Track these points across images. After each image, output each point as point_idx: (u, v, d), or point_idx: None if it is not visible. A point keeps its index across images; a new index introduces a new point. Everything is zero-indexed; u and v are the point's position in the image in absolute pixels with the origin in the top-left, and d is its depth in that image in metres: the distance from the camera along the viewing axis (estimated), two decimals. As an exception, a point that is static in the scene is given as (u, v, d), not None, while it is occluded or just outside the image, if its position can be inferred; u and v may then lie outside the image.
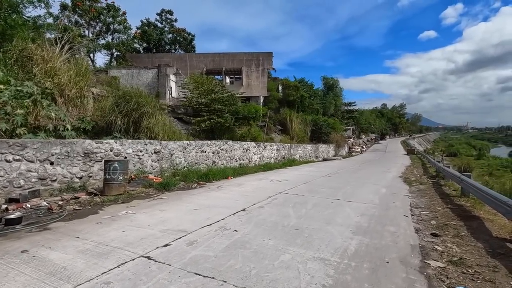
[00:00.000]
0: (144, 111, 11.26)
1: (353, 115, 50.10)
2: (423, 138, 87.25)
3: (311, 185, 9.42)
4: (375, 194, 8.12)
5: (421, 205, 6.99)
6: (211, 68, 26.53)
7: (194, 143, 12.08)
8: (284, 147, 19.74)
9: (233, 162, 14.53)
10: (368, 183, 10.35)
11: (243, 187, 8.70)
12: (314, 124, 30.03)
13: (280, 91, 29.86)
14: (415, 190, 9.18)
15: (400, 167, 17.58)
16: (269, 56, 26.82)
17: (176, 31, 31.26)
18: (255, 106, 20.41)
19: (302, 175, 12.02)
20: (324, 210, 6.07)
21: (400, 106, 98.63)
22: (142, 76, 18.66)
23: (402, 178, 12.04)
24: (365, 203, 6.91)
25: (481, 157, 47.48)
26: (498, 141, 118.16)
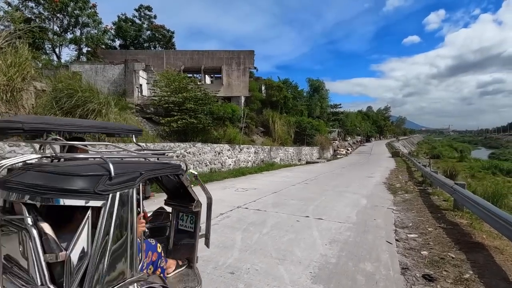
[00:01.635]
0: (91, 108, 9.56)
1: (338, 117, 49.15)
2: (407, 141, 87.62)
3: (280, 195, 7.92)
4: (353, 208, 6.67)
5: (408, 223, 5.57)
6: (189, 67, 24.81)
7: (152, 146, 10.43)
8: (263, 150, 18.25)
9: (202, 167, 12.91)
10: (347, 192, 8.92)
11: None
12: (298, 126, 28.67)
13: (263, 92, 28.42)
14: (400, 200, 7.80)
15: (385, 171, 16.33)
16: (251, 55, 25.32)
17: (155, 28, 29.36)
18: (232, 106, 18.84)
19: (275, 182, 10.52)
20: (284, 235, 4.55)
21: (385, 109, 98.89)
22: (107, 72, 16.82)
23: (386, 185, 10.70)
24: (339, 222, 5.44)
25: (463, 159, 47.30)
26: (478, 143, 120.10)
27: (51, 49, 20.96)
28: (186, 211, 2.71)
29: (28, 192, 1.48)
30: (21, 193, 1.49)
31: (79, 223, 1.55)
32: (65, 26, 21.41)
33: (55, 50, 20.91)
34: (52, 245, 1.49)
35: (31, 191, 1.48)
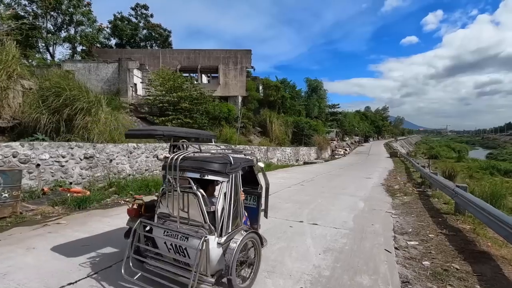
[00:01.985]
0: (80, 107, 9.20)
1: (337, 118, 48.86)
2: (405, 141, 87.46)
3: (275, 198, 7.57)
4: (350, 212, 6.34)
5: (408, 228, 5.25)
6: (185, 66, 24.44)
7: (143, 146, 10.07)
8: (260, 150, 17.90)
9: (196, 168, 12.56)
10: (344, 194, 8.59)
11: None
12: (295, 126, 28.35)
13: (260, 91, 28.09)
14: (399, 203, 7.47)
15: (383, 172, 16.02)
16: (248, 54, 24.97)
17: (151, 27, 28.98)
18: (228, 105, 18.49)
19: (270, 184, 10.17)
20: (275, 243, 4.21)
21: (383, 109, 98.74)
22: (100, 70, 16.44)
23: (384, 187, 10.38)
24: (335, 227, 5.10)
25: (461, 160, 47.09)
26: (475, 143, 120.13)
27: (44, 48, 20.57)
28: (250, 192, 3.65)
29: (193, 171, 2.67)
30: (189, 171, 2.68)
31: (212, 191, 2.93)
32: (59, 24, 21.01)
33: (48, 48, 20.51)
34: (208, 202, 2.66)
35: (195, 170, 2.66)
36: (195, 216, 2.67)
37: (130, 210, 3.33)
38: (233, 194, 2.78)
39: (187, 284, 2.41)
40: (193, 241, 2.58)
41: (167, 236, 2.76)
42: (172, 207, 2.72)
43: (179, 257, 2.73)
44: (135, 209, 3.31)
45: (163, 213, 2.90)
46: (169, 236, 2.74)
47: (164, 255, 2.87)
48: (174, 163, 2.68)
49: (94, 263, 3.39)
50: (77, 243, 4.03)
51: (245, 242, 2.83)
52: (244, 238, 2.78)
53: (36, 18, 19.85)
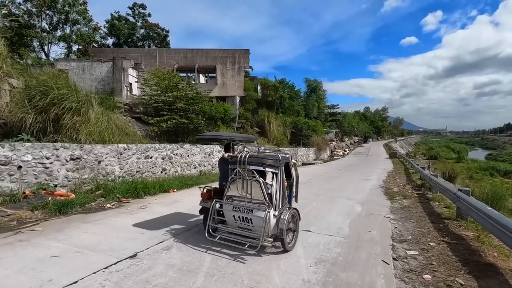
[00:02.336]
0: (68, 107, 8.86)
1: (336, 118, 48.54)
2: (405, 141, 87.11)
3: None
4: (346, 216, 6.00)
5: (407, 235, 4.90)
6: (183, 65, 24.12)
7: (134, 147, 9.72)
8: (256, 150, 17.56)
9: (191, 169, 12.22)
10: (341, 197, 8.24)
11: (173, 208, 6.41)
12: (294, 126, 28.02)
13: (259, 92, 27.76)
14: (398, 207, 7.12)
15: (382, 174, 15.68)
16: (246, 54, 24.64)
17: (149, 26, 28.65)
18: (224, 105, 18.15)
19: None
20: (263, 253, 3.87)
21: (382, 110, 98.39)
22: (95, 70, 16.10)
23: (383, 189, 10.03)
24: (330, 234, 4.76)
25: (460, 160, 46.73)
26: (475, 144, 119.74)
27: (39, 47, 20.23)
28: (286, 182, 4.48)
29: (256, 165, 3.78)
30: (253, 165, 3.80)
31: (265, 179, 3.83)
32: (55, 23, 20.67)
33: (43, 47, 20.16)
34: (267, 186, 3.76)
35: (257, 164, 3.79)
36: (257, 196, 3.87)
37: (203, 194, 4.54)
38: (281, 182, 4.06)
39: (247, 243, 3.82)
40: (257, 213, 3.81)
41: (235, 211, 3.98)
42: (241, 190, 3.94)
43: (244, 225, 3.98)
44: (207, 193, 4.53)
45: (231, 195, 4.09)
46: (237, 210, 3.97)
47: (230, 224, 4.14)
48: (243, 159, 3.90)
49: (59, 278, 3.04)
50: (47, 254, 3.68)
51: (291, 215, 4.07)
52: (290, 212, 4.04)
53: (31, 17, 19.52)
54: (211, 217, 4.13)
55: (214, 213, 4.15)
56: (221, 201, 4.12)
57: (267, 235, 3.76)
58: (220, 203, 4.13)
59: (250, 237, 3.91)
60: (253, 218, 3.82)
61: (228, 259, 3.60)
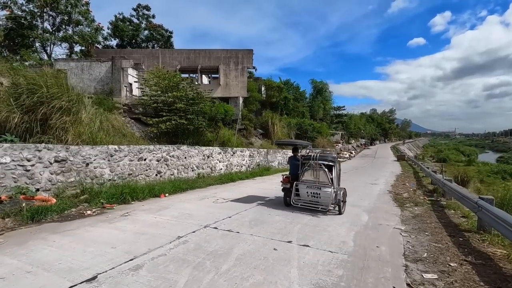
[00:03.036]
0: (58, 106, 8.36)
1: (342, 120, 47.57)
2: (412, 144, 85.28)
3: (265, 209, 6.56)
4: (351, 227, 5.28)
5: (422, 252, 4.16)
6: (185, 66, 23.66)
7: (127, 148, 9.15)
8: (259, 153, 16.90)
9: (188, 172, 11.62)
10: (346, 203, 7.51)
11: (158, 215, 5.77)
12: (298, 128, 27.30)
13: (262, 93, 27.14)
14: (410, 216, 6.37)
15: (390, 177, 14.84)
16: (250, 54, 24.06)
17: (152, 27, 28.35)
18: (224, 106, 17.55)
19: (264, 191, 9.16)
20: (249, 276, 3.19)
21: (390, 112, 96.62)
22: (93, 69, 15.71)
23: (392, 195, 9.25)
24: (331, 251, 4.06)
25: (471, 163, 45.21)
26: (485, 147, 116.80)
27: (41, 48, 20.01)
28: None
29: (323, 160, 6.50)
30: (321, 160, 6.48)
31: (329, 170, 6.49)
32: (58, 24, 20.45)
33: (45, 48, 19.94)
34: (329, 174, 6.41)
35: (324, 160, 6.53)
36: (323, 180, 6.31)
37: (284, 179, 7.03)
38: (337, 171, 6.67)
39: (317, 209, 6.32)
40: (324, 189, 6.22)
41: (308, 188, 6.42)
42: (313, 176, 6.43)
43: (313, 198, 6.40)
44: (287, 178, 7.01)
45: (304, 180, 6.54)
46: (309, 187, 6.40)
47: (302, 198, 6.57)
48: (314, 157, 6.45)
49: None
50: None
51: (342, 191, 6.40)
52: (342, 190, 6.41)
53: (34, 18, 19.32)
54: (292, 192, 6.76)
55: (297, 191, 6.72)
56: (298, 182, 6.69)
57: (330, 203, 6.29)
58: (297, 184, 6.70)
59: (317, 206, 6.41)
60: (321, 193, 6.36)
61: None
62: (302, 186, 6.55)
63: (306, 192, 6.50)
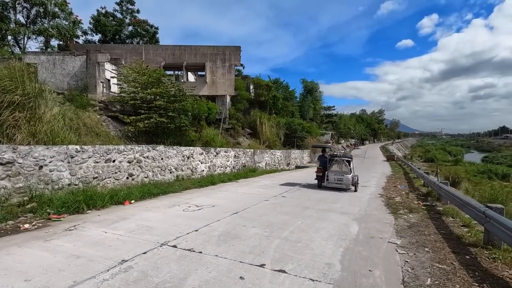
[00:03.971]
0: (10, 100, 7.31)
1: (332, 120, 47.11)
2: (401, 144, 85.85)
3: (240, 218, 5.66)
4: (338, 242, 4.43)
5: (424, 278, 3.33)
6: (170, 63, 22.57)
7: (91, 148, 8.10)
8: (245, 153, 15.99)
9: (165, 174, 10.63)
10: (334, 210, 6.69)
11: (111, 229, 4.80)
12: (288, 127, 26.51)
13: (251, 91, 26.25)
14: (405, 226, 5.57)
15: (380, 178, 14.16)
16: (237, 51, 23.13)
17: (137, 23, 27.09)
18: (208, 104, 16.55)
19: (245, 196, 8.26)
20: (195, 328, 2.29)
21: (379, 112, 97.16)
22: (67, 64, 14.51)
23: (384, 198, 8.49)
24: (311, 278, 3.18)
25: (457, 163, 45.39)
26: (470, 147, 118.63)
27: (14, 41, 18.62)
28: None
29: (345, 157, 10.54)
30: (344, 157, 10.52)
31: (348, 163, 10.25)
32: (32, 16, 19.07)
33: (18, 41, 18.56)
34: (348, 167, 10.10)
35: (345, 157, 10.57)
36: (345, 170, 9.94)
37: (318, 170, 10.50)
38: (353, 164, 10.59)
39: (342, 188, 9.93)
40: (346, 175, 9.77)
41: (334, 175, 9.96)
42: (338, 167, 10.15)
43: (339, 181, 9.90)
44: (320, 169, 10.41)
45: (332, 170, 10.14)
46: (335, 175, 9.95)
47: (331, 182, 10.02)
48: (340, 155, 11.14)
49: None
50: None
51: (357, 177, 10.04)
52: (356, 176, 10.05)
53: (5, 9, 17.93)
54: (324, 178, 10.21)
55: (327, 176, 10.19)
56: (328, 171, 10.16)
57: (351, 183, 9.60)
58: (327, 172, 10.15)
59: (341, 186, 9.78)
60: (344, 178, 9.67)
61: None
62: (331, 174, 10.15)
63: (334, 177, 10.04)
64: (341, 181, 9.86)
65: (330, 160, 10.55)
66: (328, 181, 10.11)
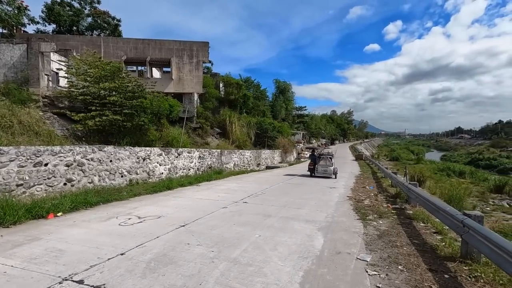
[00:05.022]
0: None
1: (303, 120, 47.24)
2: (369, 144, 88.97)
3: (187, 233, 4.67)
4: (298, 263, 3.60)
5: (400, 312, 2.60)
6: (132, 57, 20.86)
7: (14, 150, 6.66)
8: (211, 154, 14.93)
9: (115, 178, 9.31)
10: (298, 218, 5.91)
11: (1, 259, 3.62)
12: (259, 127, 25.77)
13: (221, 89, 25.18)
14: (375, 235, 4.91)
15: (349, 179, 13.81)
16: (205, 47, 21.94)
17: (97, 14, 24.87)
18: (169, 101, 15.27)
19: (201, 202, 7.27)
20: None
21: (348, 113, 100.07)
22: (3, 53, 12.54)
23: (352, 201, 7.90)
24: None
25: (419, 162, 47.50)
26: (430, 146, 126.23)
27: None
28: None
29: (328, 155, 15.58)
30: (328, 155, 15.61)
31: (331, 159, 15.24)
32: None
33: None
34: (331, 162, 14.95)
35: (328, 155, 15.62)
36: (329, 164, 14.58)
37: (310, 163, 15.38)
38: (334, 160, 15.56)
39: (328, 177, 14.12)
40: (329, 168, 14.38)
41: (322, 167, 14.55)
42: (324, 162, 14.74)
43: (324, 172, 14.39)
44: (312, 163, 15.22)
45: (320, 163, 14.74)
46: (322, 167, 14.54)
47: (319, 172, 14.51)
48: (325, 153, 16.13)
49: None
50: None
51: (336, 168, 14.66)
52: (336, 168, 14.65)
53: None
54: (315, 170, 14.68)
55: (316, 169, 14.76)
56: (318, 165, 14.71)
57: (332, 173, 14.16)
58: (317, 166, 14.70)
59: (326, 175, 14.27)
60: (328, 170, 14.31)
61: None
62: (319, 166, 14.51)
63: (321, 169, 14.39)
64: (326, 171, 14.44)
65: (318, 158, 15.24)
66: (317, 172, 14.63)
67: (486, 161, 51.80)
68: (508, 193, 20.05)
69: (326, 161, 14.81)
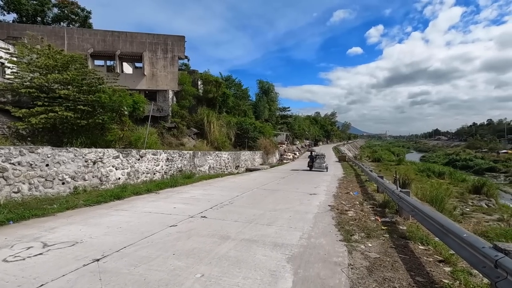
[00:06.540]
0: None
1: (287, 121, 46.19)
2: (352, 145, 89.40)
3: (93, 278, 3.16)
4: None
5: None
6: (100, 50, 18.94)
7: None
8: (182, 156, 13.33)
9: (54, 186, 7.60)
10: (263, 241, 4.49)
11: None
12: (239, 127, 24.33)
13: (199, 87, 23.56)
14: (363, 268, 3.57)
15: (332, 183, 12.60)
16: (181, 41, 20.31)
17: (64, 4, 22.69)
18: (134, 96, 13.55)
19: (147, 218, 5.73)
20: None
21: (331, 115, 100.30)
22: None
23: (334, 213, 6.59)
24: None
25: (400, 163, 47.48)
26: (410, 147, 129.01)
27: None
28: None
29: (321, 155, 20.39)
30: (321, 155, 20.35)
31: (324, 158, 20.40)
32: None
33: None
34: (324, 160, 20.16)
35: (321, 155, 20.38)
36: (322, 161, 19.72)
37: (309, 161, 20.36)
38: (326, 158, 20.72)
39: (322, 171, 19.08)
40: (322, 164, 19.51)
41: (317, 164, 19.65)
42: (319, 160, 19.81)
43: (320, 167, 19.44)
44: (310, 161, 20.14)
45: (317, 161, 19.80)
46: (317, 164, 19.63)
47: (315, 167, 19.54)
48: (319, 154, 20.70)
49: None
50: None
51: (328, 165, 20.18)
52: (327, 164, 20.19)
53: None
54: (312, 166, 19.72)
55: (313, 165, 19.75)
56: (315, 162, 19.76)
57: (325, 168, 19.28)
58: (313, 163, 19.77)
59: (321, 169, 19.17)
60: (322, 166, 19.34)
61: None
62: (315, 163, 19.49)
63: (317, 165, 19.33)
64: (320, 167, 19.09)
65: (315, 157, 19.87)
66: (314, 167, 19.31)
67: (463, 162, 52.63)
68: (486, 193, 20.18)
69: (320, 159, 19.57)
